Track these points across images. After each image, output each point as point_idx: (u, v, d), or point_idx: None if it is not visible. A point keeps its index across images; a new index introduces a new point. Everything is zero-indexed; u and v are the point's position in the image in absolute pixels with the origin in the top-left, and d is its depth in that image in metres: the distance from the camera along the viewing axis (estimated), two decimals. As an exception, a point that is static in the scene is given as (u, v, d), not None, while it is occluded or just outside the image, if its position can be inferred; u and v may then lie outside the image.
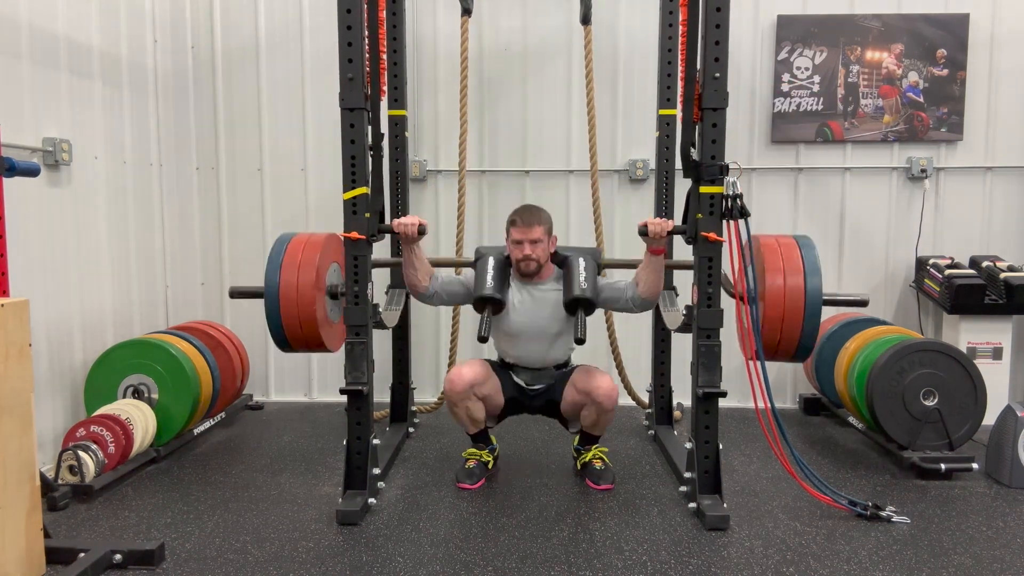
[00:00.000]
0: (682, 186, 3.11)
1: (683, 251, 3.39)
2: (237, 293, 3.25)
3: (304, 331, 3.02)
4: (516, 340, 3.10)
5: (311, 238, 3.11)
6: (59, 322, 3.32)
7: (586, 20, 3.83)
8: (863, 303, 3.06)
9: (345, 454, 2.87)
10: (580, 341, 2.94)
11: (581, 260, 3.02)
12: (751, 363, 2.75)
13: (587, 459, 3.17)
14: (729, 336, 2.87)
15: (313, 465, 3.35)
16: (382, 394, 3.78)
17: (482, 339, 2.94)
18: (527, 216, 3.00)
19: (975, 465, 3.14)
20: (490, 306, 2.98)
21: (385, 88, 3.25)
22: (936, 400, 3.23)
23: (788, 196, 4.25)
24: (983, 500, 2.96)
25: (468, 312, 3.30)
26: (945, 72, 4.10)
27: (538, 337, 3.07)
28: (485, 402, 3.07)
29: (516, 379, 3.15)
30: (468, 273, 3.15)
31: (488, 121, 4.27)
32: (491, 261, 3.04)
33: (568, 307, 2.97)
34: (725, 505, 2.76)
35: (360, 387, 2.83)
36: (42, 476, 2.58)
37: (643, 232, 2.85)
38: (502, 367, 3.17)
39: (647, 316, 4.01)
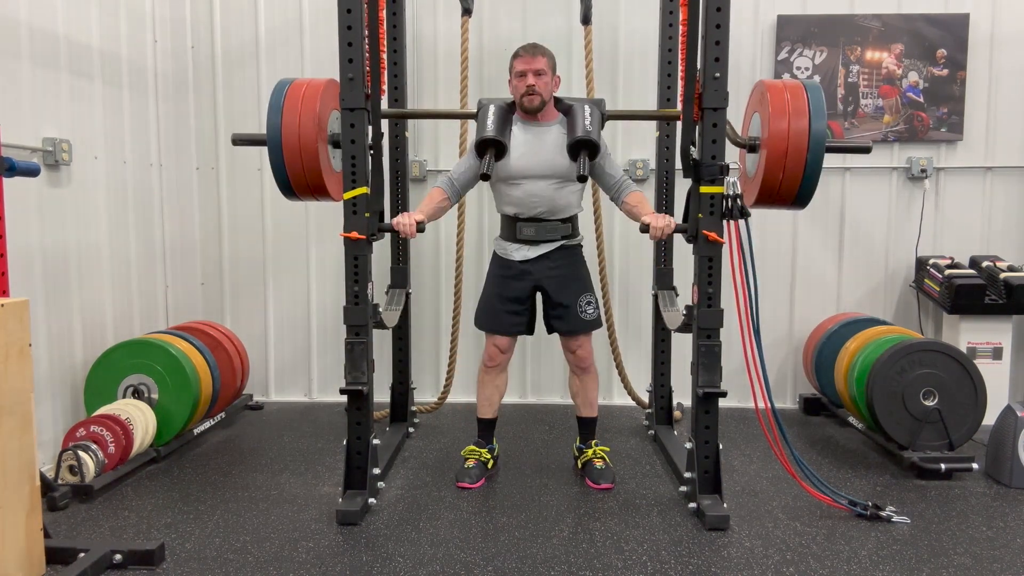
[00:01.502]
0: (682, 186, 3.11)
1: (683, 255, 3.39)
2: (240, 140, 3.14)
3: (308, 178, 2.95)
4: (520, 183, 3.03)
5: (310, 83, 2.98)
6: (59, 322, 3.32)
7: (586, 20, 3.83)
8: (866, 149, 3.01)
9: (345, 454, 2.87)
10: (582, 178, 2.89)
11: (586, 107, 2.98)
12: (751, 365, 2.74)
13: (587, 458, 3.17)
14: (729, 338, 2.87)
15: (313, 465, 3.35)
16: (382, 394, 3.79)
17: (485, 176, 2.89)
18: (531, 47, 2.98)
19: (975, 465, 3.14)
20: (492, 149, 2.92)
21: (385, 88, 3.25)
22: (936, 400, 3.23)
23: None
24: (983, 500, 2.96)
25: (468, 313, 3.30)
26: (945, 72, 4.10)
27: (543, 177, 3.01)
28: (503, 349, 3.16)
29: (516, 237, 3.08)
30: (469, 149, 3.10)
31: (488, 121, 4.26)
32: (492, 108, 3.00)
33: (572, 149, 2.90)
34: (725, 505, 2.76)
35: (360, 387, 2.83)
36: (42, 476, 2.58)
37: (644, 231, 2.86)
38: (506, 235, 3.13)
39: (647, 316, 4.01)
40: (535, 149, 3.01)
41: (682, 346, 3.46)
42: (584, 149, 2.89)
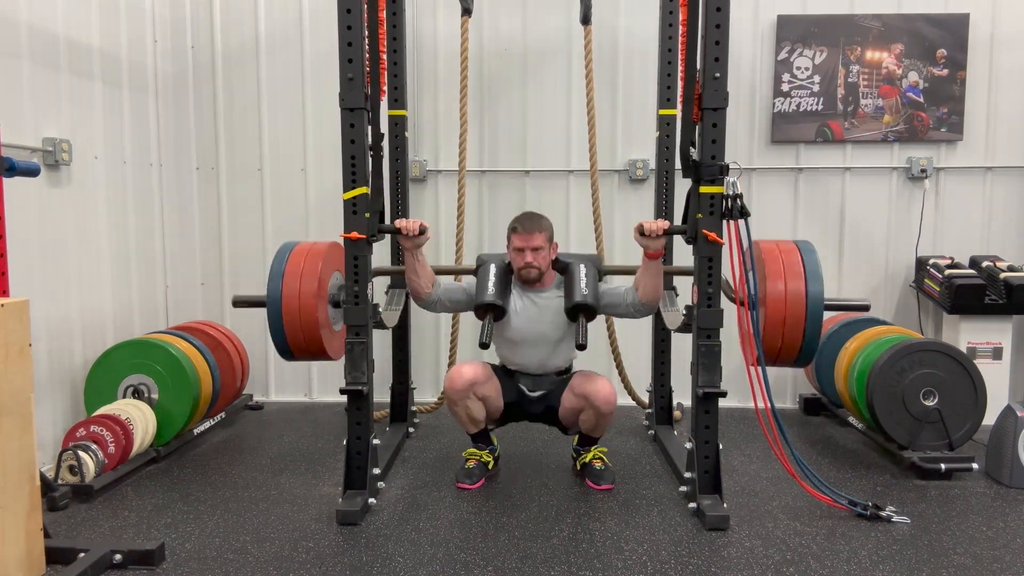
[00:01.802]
0: (682, 186, 3.11)
1: (683, 255, 3.40)
2: (241, 302, 3.26)
3: (306, 340, 3.07)
4: (518, 347, 3.11)
5: (313, 247, 3.14)
6: (59, 322, 3.32)
7: (586, 20, 3.83)
8: (865, 307, 3.07)
9: (345, 454, 2.87)
10: (582, 347, 2.95)
11: (582, 267, 3.02)
12: (752, 368, 2.75)
13: (587, 459, 3.17)
14: (729, 338, 2.87)
15: (313, 465, 3.35)
16: (382, 394, 3.79)
17: (483, 345, 2.94)
18: (528, 224, 3.01)
19: (975, 465, 3.14)
20: (492, 313, 2.99)
21: (385, 88, 3.25)
22: (936, 400, 3.23)
23: (788, 196, 4.25)
24: (983, 500, 2.96)
25: (468, 314, 3.29)
26: (945, 72, 4.10)
27: (540, 343, 3.08)
28: (485, 403, 3.07)
29: (518, 384, 3.15)
30: (470, 280, 3.16)
31: (488, 121, 4.27)
32: (493, 268, 3.06)
33: (569, 313, 2.97)
34: (725, 505, 2.76)
35: (360, 387, 2.83)
36: (42, 476, 2.58)
37: (639, 232, 2.85)
38: (504, 372, 3.18)
39: (647, 316, 4.01)
40: (534, 316, 3.06)
41: (682, 346, 3.46)
42: (583, 313, 2.95)
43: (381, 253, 3.83)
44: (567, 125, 4.23)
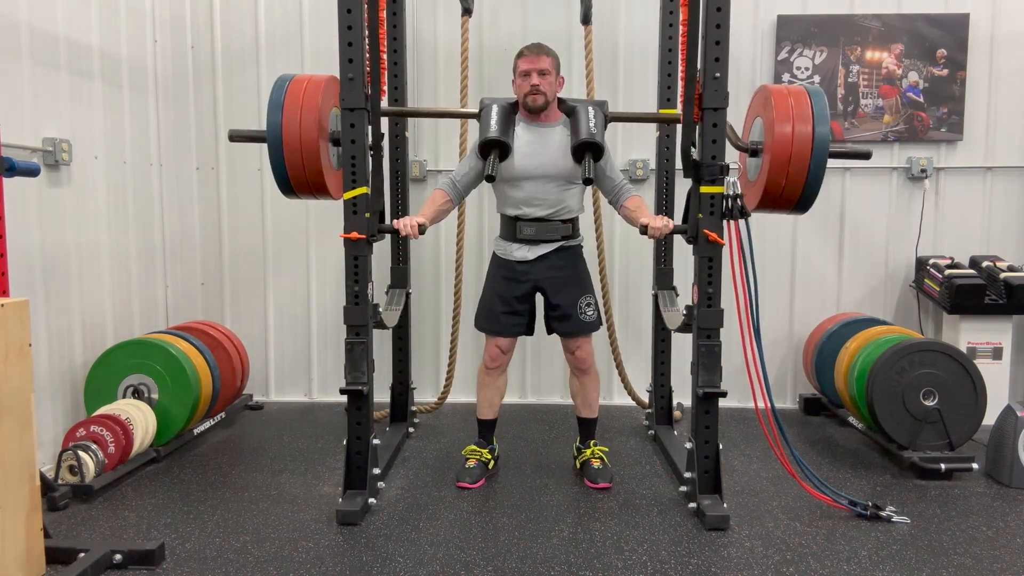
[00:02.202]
0: (682, 186, 3.11)
1: (683, 256, 3.40)
2: (238, 136, 3.09)
3: (308, 176, 2.92)
4: (522, 184, 3.02)
5: (312, 79, 2.95)
6: (59, 322, 3.32)
7: (586, 20, 3.83)
8: (867, 155, 2.99)
9: (345, 454, 2.87)
10: (587, 181, 2.91)
11: (590, 108, 2.98)
12: (750, 357, 2.74)
13: (586, 457, 3.17)
14: (729, 339, 2.87)
15: (313, 465, 3.35)
16: (382, 394, 3.79)
17: (489, 178, 2.92)
18: (536, 47, 2.98)
19: (975, 465, 3.14)
20: (496, 150, 2.93)
21: (385, 88, 3.25)
22: (936, 400, 3.23)
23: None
24: (983, 500, 2.96)
25: (468, 313, 3.30)
26: (945, 72, 4.10)
27: (545, 178, 3.01)
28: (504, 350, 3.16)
29: (514, 258, 3.08)
30: (471, 151, 3.11)
31: (488, 121, 4.26)
32: (495, 108, 3.01)
33: (576, 151, 2.91)
34: (725, 505, 2.76)
35: (360, 387, 2.83)
36: (42, 476, 2.58)
37: (643, 232, 2.86)
38: (506, 235, 3.12)
39: (647, 316, 4.01)
40: (539, 150, 3.00)
41: (682, 346, 3.46)
42: (589, 151, 2.90)
43: (381, 253, 3.83)
44: (567, 125, 4.22)
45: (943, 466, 3.12)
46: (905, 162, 4.17)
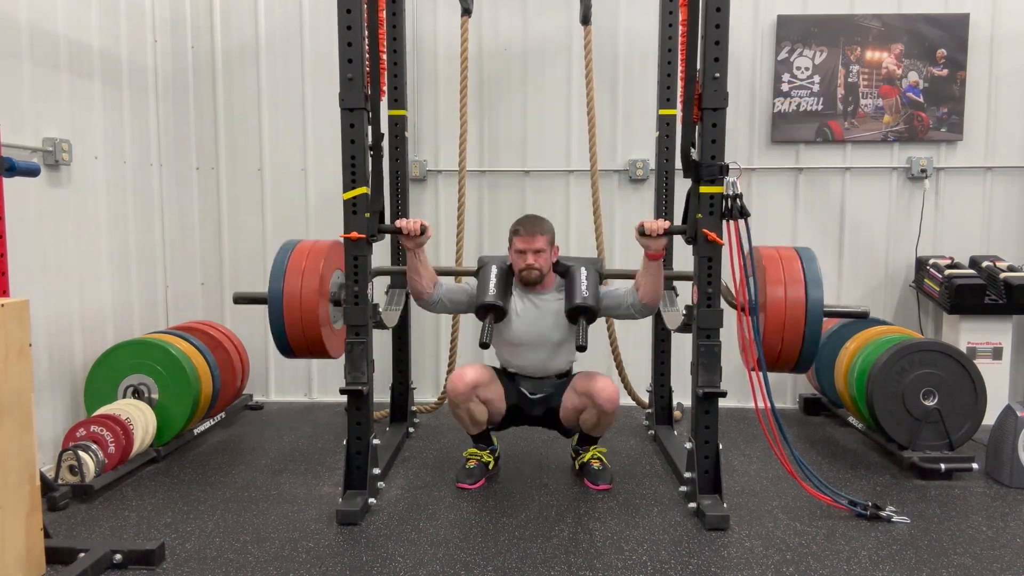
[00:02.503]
0: (682, 186, 3.11)
1: (683, 257, 3.40)
2: (241, 299, 3.26)
3: (307, 337, 3.07)
4: (518, 349, 3.11)
5: (315, 245, 3.14)
6: (59, 322, 3.32)
7: (586, 20, 3.83)
8: (864, 315, 3.07)
9: (345, 454, 2.87)
10: (582, 348, 2.95)
11: (583, 269, 3.03)
12: (753, 373, 2.75)
13: (585, 459, 3.17)
14: (729, 339, 2.87)
15: (313, 465, 3.35)
16: (382, 394, 3.79)
17: (484, 345, 2.94)
18: (530, 226, 3.02)
19: (975, 465, 3.14)
20: (492, 313, 2.99)
21: (385, 88, 3.25)
22: (936, 400, 3.23)
23: (788, 196, 4.25)
24: (983, 500, 2.96)
25: (469, 315, 3.29)
26: (945, 72, 4.10)
27: (540, 345, 3.08)
28: (487, 406, 3.07)
29: (519, 387, 3.14)
30: (471, 282, 3.16)
31: (488, 121, 4.27)
32: (494, 269, 3.06)
33: (570, 315, 2.98)
34: (725, 505, 2.76)
35: (360, 387, 2.83)
36: (42, 476, 2.58)
37: (640, 231, 2.85)
38: (505, 375, 3.18)
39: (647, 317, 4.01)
40: (534, 318, 3.07)
41: (682, 346, 3.46)
42: (583, 315, 2.96)
43: (381, 253, 3.84)
44: (567, 125, 4.23)
45: (943, 466, 3.12)
46: (905, 162, 4.17)
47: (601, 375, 3.06)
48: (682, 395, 3.68)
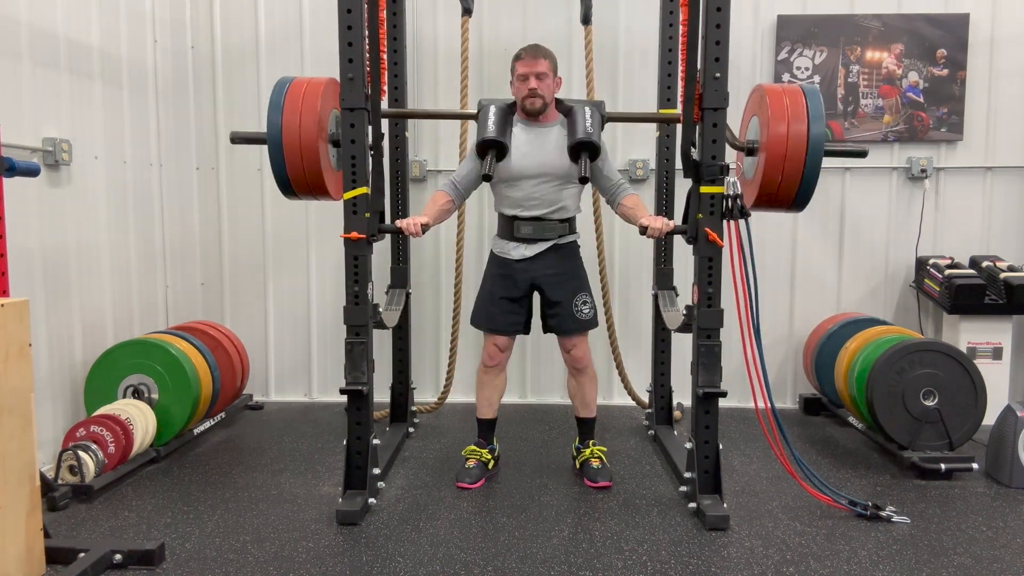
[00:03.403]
0: (682, 186, 3.11)
1: (683, 257, 3.40)
2: (239, 139, 3.12)
3: (307, 174, 2.94)
4: (520, 183, 3.04)
5: (311, 82, 2.98)
6: (59, 322, 3.32)
7: (586, 20, 3.83)
8: (863, 153, 3.02)
9: (345, 454, 2.87)
10: (584, 180, 2.93)
11: (587, 108, 3.01)
12: (752, 369, 2.74)
13: (585, 457, 3.17)
14: (729, 339, 2.87)
15: (313, 465, 3.35)
16: (382, 394, 3.79)
17: (486, 177, 2.93)
18: (533, 50, 2.99)
19: (975, 465, 3.14)
20: (493, 150, 2.95)
21: (385, 88, 3.25)
22: (936, 400, 3.23)
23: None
24: (983, 500, 2.96)
25: (468, 313, 3.30)
26: (945, 72, 4.10)
27: (542, 177, 3.03)
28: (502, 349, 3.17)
29: (517, 235, 3.08)
30: (471, 152, 3.13)
31: (488, 121, 4.26)
32: (493, 108, 3.03)
33: (572, 151, 2.94)
34: (725, 505, 2.76)
35: (360, 387, 2.83)
36: (42, 476, 2.58)
37: (643, 233, 2.87)
38: (504, 234, 3.13)
39: (647, 316, 4.01)
40: (536, 150, 3.02)
41: (682, 346, 3.46)
42: (585, 151, 2.92)
43: (381, 253, 3.84)
44: (567, 125, 4.22)
45: (943, 466, 3.12)
46: (905, 162, 4.17)
47: (580, 342, 3.15)
48: (682, 395, 3.68)
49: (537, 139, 3.03)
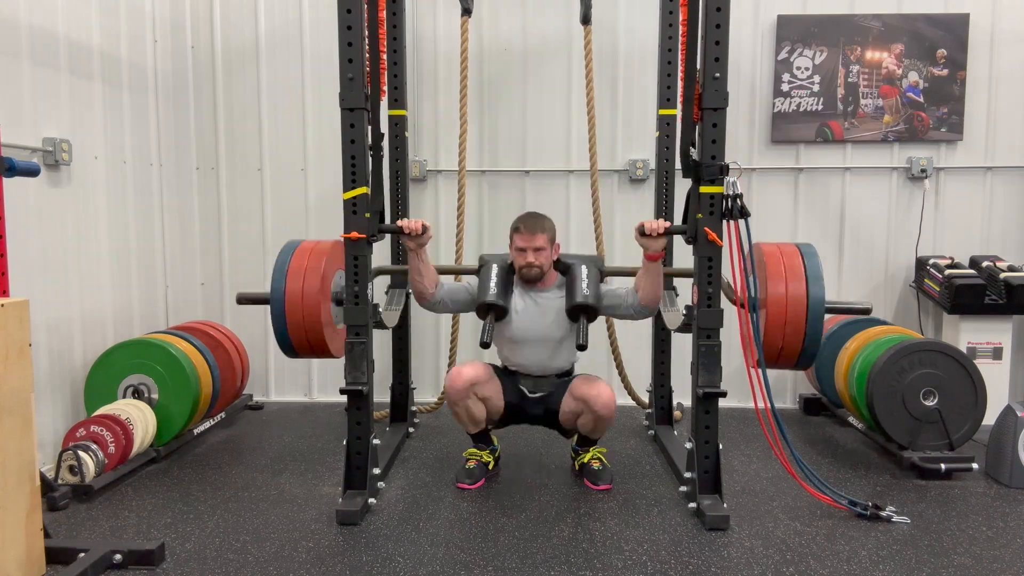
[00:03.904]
0: (682, 186, 3.11)
1: (683, 257, 3.40)
2: (244, 299, 3.25)
3: (310, 337, 3.06)
4: (519, 347, 3.10)
5: (317, 245, 3.14)
6: (59, 322, 3.32)
7: (586, 20, 3.83)
8: (866, 311, 3.05)
9: (345, 454, 2.87)
10: (582, 347, 2.95)
11: (584, 267, 3.03)
12: (753, 370, 2.75)
13: (585, 460, 3.17)
14: (729, 339, 2.87)
15: (313, 465, 3.35)
16: (382, 394, 3.79)
17: (484, 344, 2.93)
18: (531, 224, 3.01)
19: (975, 465, 3.14)
20: (493, 312, 2.99)
21: (385, 88, 3.25)
22: (936, 400, 3.23)
23: (788, 196, 4.25)
24: (983, 500, 2.96)
25: (469, 314, 3.29)
26: (945, 72, 4.10)
27: (541, 343, 3.08)
28: (486, 404, 3.07)
29: (518, 385, 3.15)
30: (472, 281, 3.16)
31: (488, 121, 4.27)
32: (495, 268, 3.06)
33: (571, 314, 2.98)
34: (725, 505, 2.76)
35: (360, 387, 2.83)
36: (42, 476, 2.57)
37: (640, 232, 2.84)
38: (505, 373, 3.18)
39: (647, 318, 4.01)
40: (535, 316, 3.06)
41: (682, 346, 3.46)
42: (583, 314, 2.96)
43: (381, 253, 3.84)
44: (567, 125, 4.23)
45: (943, 466, 3.12)
46: (905, 162, 4.17)
47: (598, 380, 3.05)
48: (682, 395, 3.68)
49: (536, 305, 3.07)
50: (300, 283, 3.02)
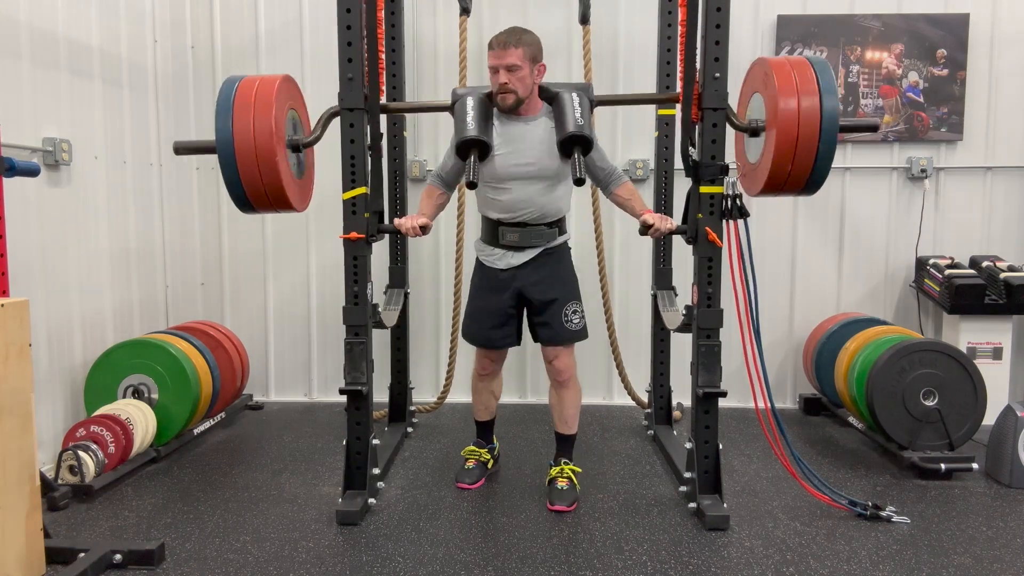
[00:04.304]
0: (682, 186, 3.11)
1: (683, 257, 3.39)
2: (184, 148, 2.81)
3: (266, 186, 2.64)
4: (504, 186, 2.79)
5: (263, 79, 2.68)
6: (59, 322, 3.32)
7: (585, 20, 3.83)
8: (875, 127, 2.81)
9: (345, 454, 2.87)
10: (579, 181, 2.59)
11: (574, 95, 2.67)
12: (751, 359, 2.74)
13: (552, 474, 2.99)
14: (729, 339, 2.87)
15: (313, 465, 3.35)
16: (381, 394, 3.79)
17: (471, 184, 2.60)
18: (504, 37, 2.64)
19: (975, 465, 3.14)
20: (475, 150, 2.63)
21: (384, 88, 3.25)
22: (936, 400, 3.23)
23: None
24: (983, 500, 2.96)
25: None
26: (945, 72, 4.10)
27: (528, 179, 2.77)
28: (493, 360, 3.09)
29: (502, 240, 2.87)
30: (451, 146, 2.85)
31: (488, 121, 4.26)
32: (470, 101, 2.70)
33: (563, 147, 2.62)
34: (725, 505, 2.76)
35: (359, 387, 2.83)
36: (42, 476, 2.58)
37: (644, 232, 2.83)
38: (488, 239, 2.93)
39: (646, 316, 4.01)
40: (521, 148, 2.75)
41: (682, 346, 3.46)
42: (577, 146, 2.62)
43: (381, 253, 3.84)
44: (567, 125, 4.22)
45: (943, 466, 3.12)
46: (905, 162, 4.17)
47: (564, 353, 2.93)
48: (682, 395, 3.67)
49: (521, 136, 2.75)
50: (249, 123, 2.57)
